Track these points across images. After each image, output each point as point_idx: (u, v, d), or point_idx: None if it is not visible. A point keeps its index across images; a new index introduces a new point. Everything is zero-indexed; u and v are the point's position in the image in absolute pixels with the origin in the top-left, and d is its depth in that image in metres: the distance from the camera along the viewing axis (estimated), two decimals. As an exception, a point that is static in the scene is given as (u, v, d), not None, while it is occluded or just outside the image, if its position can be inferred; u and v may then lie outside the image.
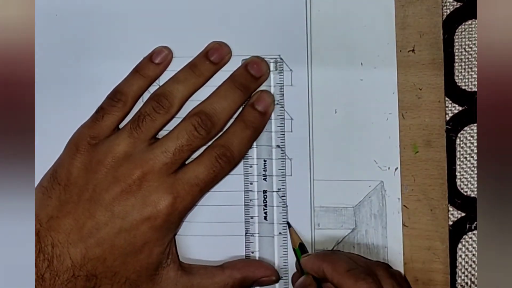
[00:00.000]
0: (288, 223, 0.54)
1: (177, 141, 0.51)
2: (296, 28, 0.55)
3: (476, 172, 0.54)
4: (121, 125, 0.53)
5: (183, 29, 0.55)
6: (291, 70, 0.55)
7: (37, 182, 0.53)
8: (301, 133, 0.55)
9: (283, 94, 0.55)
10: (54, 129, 0.55)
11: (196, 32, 0.55)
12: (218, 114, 0.52)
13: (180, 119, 0.52)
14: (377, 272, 0.49)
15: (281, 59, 0.55)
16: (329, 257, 0.50)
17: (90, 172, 0.50)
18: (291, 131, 0.55)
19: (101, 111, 0.52)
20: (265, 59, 0.54)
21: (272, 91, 0.55)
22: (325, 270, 0.49)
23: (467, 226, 0.54)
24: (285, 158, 0.54)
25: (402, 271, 0.54)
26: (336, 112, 0.55)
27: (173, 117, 0.53)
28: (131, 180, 0.50)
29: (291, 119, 0.54)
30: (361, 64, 0.55)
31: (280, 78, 0.55)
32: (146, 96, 0.54)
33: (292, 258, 0.54)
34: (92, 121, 0.52)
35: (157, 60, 0.54)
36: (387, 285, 0.48)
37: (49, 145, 0.53)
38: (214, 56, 0.54)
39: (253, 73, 0.53)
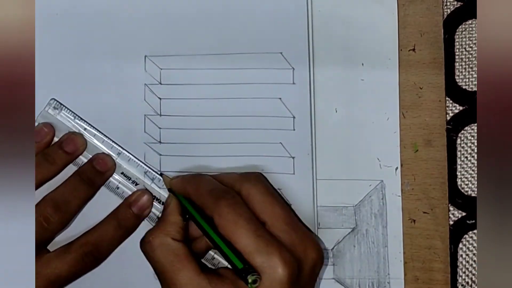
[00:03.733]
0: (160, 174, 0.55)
1: None
2: (298, 26, 0.55)
3: (476, 171, 0.54)
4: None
5: (185, 27, 0.55)
6: (293, 68, 0.55)
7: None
8: (303, 131, 0.54)
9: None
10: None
11: (198, 30, 0.55)
12: (67, 203, 0.52)
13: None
14: (241, 184, 0.50)
15: (58, 102, 0.55)
16: (193, 179, 0.51)
17: None
18: (294, 129, 0.54)
19: None
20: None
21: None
22: (189, 192, 0.50)
23: (468, 225, 0.54)
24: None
25: (402, 270, 0.54)
26: (336, 111, 0.55)
27: None
28: None
29: (293, 117, 0.54)
30: (362, 64, 0.55)
31: (66, 116, 0.55)
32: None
33: None
34: None
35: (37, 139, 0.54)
36: (253, 192, 0.49)
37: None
38: (67, 147, 0.54)
39: (98, 168, 0.54)
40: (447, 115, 0.55)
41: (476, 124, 0.55)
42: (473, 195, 0.54)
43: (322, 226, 0.54)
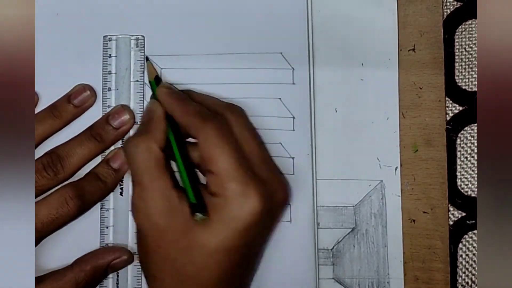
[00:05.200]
0: (146, 57, 0.55)
1: None
2: (298, 26, 0.55)
3: (476, 172, 0.54)
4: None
5: (186, 28, 0.55)
6: (292, 68, 0.55)
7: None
8: (303, 131, 0.54)
9: (143, 72, 0.55)
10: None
11: (198, 30, 0.55)
12: (69, 158, 0.52)
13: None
14: (226, 113, 0.50)
15: (142, 36, 0.55)
16: (180, 97, 0.51)
17: None
18: (293, 130, 0.54)
19: None
20: (128, 37, 0.55)
21: (132, 68, 0.55)
22: (174, 111, 0.50)
23: (468, 225, 0.54)
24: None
25: (402, 270, 0.54)
26: (336, 111, 0.55)
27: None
28: None
29: (293, 117, 0.54)
30: (362, 64, 0.55)
31: (140, 55, 0.55)
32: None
33: None
34: None
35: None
36: (236, 123, 0.50)
37: (49, 145, 0.53)
38: (76, 99, 0.54)
39: (113, 125, 0.53)
40: (447, 115, 0.55)
41: (476, 124, 0.55)
42: (472, 195, 0.55)
43: (322, 226, 0.54)
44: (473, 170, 0.55)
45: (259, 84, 0.55)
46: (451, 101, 0.55)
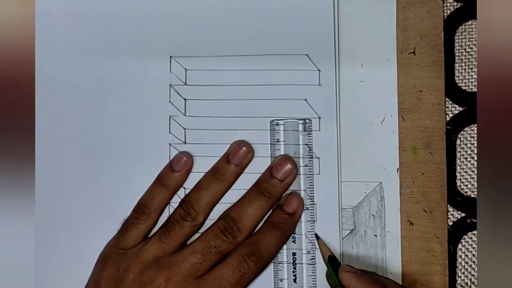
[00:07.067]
0: (316, 235, 0.54)
1: (205, 243, 0.51)
2: (324, 27, 0.55)
3: (476, 172, 0.54)
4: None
5: (211, 28, 0.56)
6: (318, 69, 0.55)
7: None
8: (329, 132, 0.54)
9: (311, 156, 0.54)
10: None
11: (224, 31, 0.56)
12: (243, 219, 0.52)
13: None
14: None
15: (309, 120, 0.55)
16: (367, 283, 0.50)
17: (118, 280, 0.51)
18: (319, 130, 0.55)
19: (125, 224, 0.54)
20: (295, 121, 0.55)
21: (300, 152, 0.54)
22: None
23: (467, 226, 0.54)
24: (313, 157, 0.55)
25: (400, 272, 0.54)
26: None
27: (201, 224, 0.53)
28: (157, 283, 0.50)
29: (319, 118, 0.55)
30: (361, 65, 0.55)
31: (309, 139, 0.54)
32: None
33: None
34: (119, 234, 0.54)
35: (177, 168, 0.54)
36: None
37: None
38: (234, 159, 0.54)
39: (278, 177, 0.53)
40: (447, 116, 0.55)
41: (475, 125, 0.55)
42: (472, 195, 0.54)
43: (321, 227, 0.54)
44: (472, 171, 0.55)
45: (285, 85, 0.55)
46: (451, 102, 0.55)
